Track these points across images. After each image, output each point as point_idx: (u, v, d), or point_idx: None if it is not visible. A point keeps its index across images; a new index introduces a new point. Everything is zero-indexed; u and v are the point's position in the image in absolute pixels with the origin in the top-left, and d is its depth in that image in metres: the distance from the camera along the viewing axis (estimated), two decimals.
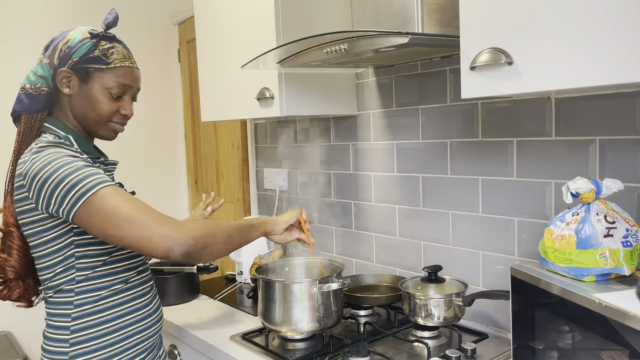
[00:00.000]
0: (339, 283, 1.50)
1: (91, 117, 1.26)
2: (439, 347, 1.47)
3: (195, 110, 2.99)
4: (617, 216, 1.08)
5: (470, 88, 1.13)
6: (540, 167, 1.44)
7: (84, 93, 1.24)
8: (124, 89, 1.27)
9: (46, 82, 1.24)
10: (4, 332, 2.63)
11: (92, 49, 1.23)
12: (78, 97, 1.25)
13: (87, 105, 1.25)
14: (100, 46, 1.23)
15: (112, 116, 1.28)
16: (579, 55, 0.95)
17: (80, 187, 1.10)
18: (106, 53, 1.24)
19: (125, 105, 1.29)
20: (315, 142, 2.16)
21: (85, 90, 1.24)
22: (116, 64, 1.25)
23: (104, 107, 1.25)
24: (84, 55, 1.22)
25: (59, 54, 1.23)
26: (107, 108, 1.26)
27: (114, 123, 1.29)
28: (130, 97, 1.31)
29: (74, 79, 1.23)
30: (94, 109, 1.25)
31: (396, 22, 1.36)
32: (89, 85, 1.24)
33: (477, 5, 1.11)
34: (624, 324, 0.87)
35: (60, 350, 1.21)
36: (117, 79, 1.25)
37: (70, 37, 1.24)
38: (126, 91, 1.28)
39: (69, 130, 1.26)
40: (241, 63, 1.64)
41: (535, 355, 1.12)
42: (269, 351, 1.51)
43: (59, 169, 1.11)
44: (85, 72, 1.23)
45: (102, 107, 1.25)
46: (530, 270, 1.13)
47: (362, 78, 1.94)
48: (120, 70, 1.25)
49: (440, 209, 1.71)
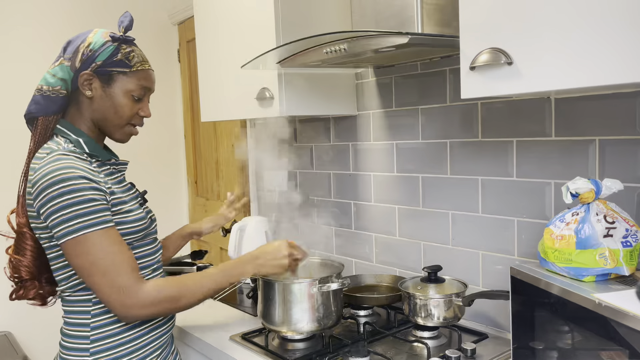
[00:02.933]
0: (339, 283, 1.50)
1: (112, 119, 1.28)
2: (439, 347, 1.47)
3: (195, 110, 2.99)
4: (616, 216, 1.08)
5: (470, 88, 1.13)
6: (540, 167, 1.44)
7: (107, 96, 1.26)
8: (144, 91, 1.30)
9: (65, 85, 1.25)
10: (4, 332, 2.63)
11: (114, 53, 1.25)
12: (100, 100, 1.26)
13: (109, 108, 1.27)
14: (122, 49, 1.26)
15: (132, 118, 1.31)
16: (578, 56, 0.95)
17: (77, 222, 1.13)
18: (128, 56, 1.26)
19: (144, 107, 1.33)
20: (315, 142, 2.16)
21: (108, 93, 1.26)
22: (138, 67, 1.28)
23: (126, 109, 1.28)
24: (107, 58, 1.24)
25: (81, 57, 1.24)
26: (129, 110, 1.29)
27: (131, 126, 1.33)
28: (148, 99, 1.34)
29: (95, 82, 1.25)
30: (116, 111, 1.28)
31: (396, 22, 1.36)
32: (112, 88, 1.26)
33: (477, 5, 1.11)
34: (623, 324, 0.87)
35: (81, 347, 1.23)
36: (139, 81, 1.28)
37: (92, 39, 1.25)
38: (146, 93, 1.32)
39: (80, 133, 1.27)
40: (241, 63, 1.64)
41: (535, 355, 1.12)
42: (268, 351, 1.51)
43: (65, 194, 1.13)
44: (109, 76, 1.25)
45: (124, 110, 1.28)
46: (530, 270, 1.13)
47: (362, 78, 1.94)
48: (142, 73, 1.29)
49: (440, 209, 1.71)
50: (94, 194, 1.16)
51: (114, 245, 1.16)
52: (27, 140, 1.27)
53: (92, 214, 1.14)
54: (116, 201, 1.22)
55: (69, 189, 1.13)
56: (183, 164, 3.26)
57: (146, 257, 1.31)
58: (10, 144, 2.70)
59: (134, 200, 1.31)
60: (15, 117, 1.47)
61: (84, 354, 1.23)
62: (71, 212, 1.13)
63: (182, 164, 3.26)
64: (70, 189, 1.13)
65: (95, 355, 1.22)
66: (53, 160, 1.16)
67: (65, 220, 1.13)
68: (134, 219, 1.26)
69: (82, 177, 1.15)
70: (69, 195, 1.13)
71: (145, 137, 3.10)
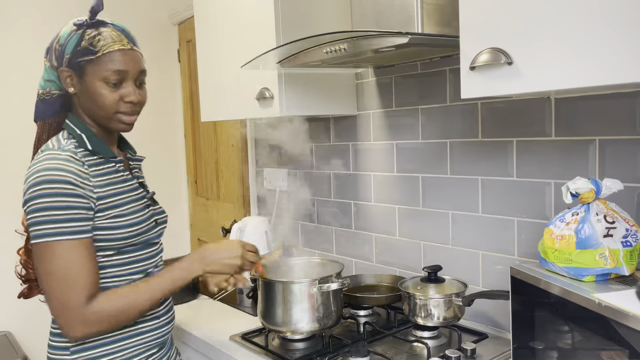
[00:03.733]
0: (339, 283, 1.50)
1: (97, 112, 1.21)
2: (439, 347, 1.47)
3: (195, 110, 2.99)
4: (616, 216, 1.08)
5: (470, 88, 1.13)
6: (540, 167, 1.44)
7: (85, 89, 1.19)
8: (120, 74, 1.19)
9: (56, 85, 1.22)
10: (4, 332, 2.63)
11: (79, 41, 1.17)
12: (82, 94, 1.21)
13: (91, 101, 1.20)
14: (86, 36, 1.17)
15: (117, 106, 1.20)
16: (578, 56, 0.95)
17: (47, 227, 1.09)
18: (92, 41, 1.17)
19: (127, 92, 1.20)
20: (315, 142, 2.16)
21: (84, 85, 1.19)
22: (104, 51, 1.17)
23: (106, 99, 1.19)
24: (73, 49, 1.17)
25: (55, 54, 1.20)
26: (109, 99, 1.19)
27: (121, 114, 1.22)
28: (132, 81, 1.22)
29: (74, 77, 1.19)
30: (97, 103, 1.19)
31: (396, 22, 1.36)
32: (86, 80, 1.18)
33: (477, 5, 1.11)
34: (623, 324, 0.87)
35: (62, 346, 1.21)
36: (109, 65, 1.17)
37: (61, 33, 1.20)
38: (124, 77, 1.20)
39: (85, 128, 1.22)
40: (241, 63, 1.64)
41: (535, 355, 1.12)
42: (268, 351, 1.51)
43: (44, 197, 1.09)
44: (80, 67, 1.18)
45: (104, 100, 1.19)
46: (530, 270, 1.13)
47: (362, 78, 1.94)
48: (109, 56, 1.17)
49: (440, 209, 1.71)
50: (74, 201, 1.11)
51: (77, 259, 1.11)
52: None
53: (65, 222, 1.10)
54: (106, 205, 1.17)
55: (49, 191, 1.09)
56: (183, 164, 3.26)
57: (140, 262, 1.26)
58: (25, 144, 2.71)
59: (137, 202, 1.25)
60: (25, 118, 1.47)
61: (65, 353, 1.20)
62: (45, 215, 1.09)
63: (182, 164, 3.26)
64: (50, 192, 1.09)
65: (76, 354, 1.19)
66: (44, 159, 1.13)
67: (37, 223, 1.10)
68: (128, 224, 1.20)
69: (67, 181, 1.11)
70: (48, 199, 1.09)
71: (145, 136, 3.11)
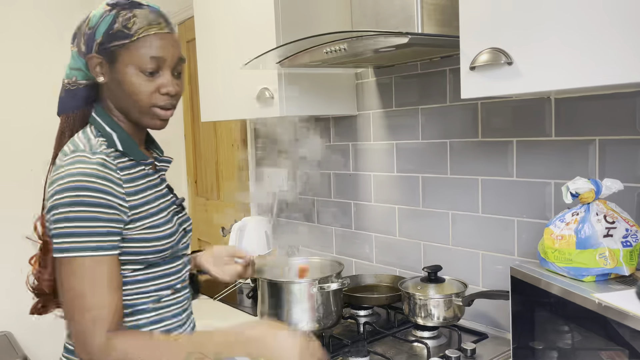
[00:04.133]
0: (339, 283, 1.50)
1: (130, 104, 1.07)
2: (439, 347, 1.47)
3: (195, 110, 2.99)
4: (616, 216, 1.08)
5: (470, 88, 1.13)
6: (540, 167, 1.44)
7: (116, 78, 1.05)
8: (157, 62, 1.05)
9: (83, 74, 1.09)
10: (4, 332, 2.63)
11: (111, 24, 1.03)
12: (112, 84, 1.07)
13: (122, 92, 1.06)
14: (119, 17, 1.03)
15: (152, 99, 1.06)
16: (578, 55, 0.95)
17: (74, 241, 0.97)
18: (127, 24, 1.03)
19: (164, 82, 1.06)
20: (315, 142, 2.16)
21: (116, 74, 1.05)
22: (140, 34, 1.03)
23: (140, 89, 1.05)
24: (105, 32, 1.03)
25: (84, 38, 1.06)
26: (144, 89, 1.05)
27: (157, 108, 1.08)
28: (170, 70, 1.08)
29: (104, 64, 1.05)
30: (129, 93, 1.05)
31: (396, 22, 1.36)
32: (118, 68, 1.04)
33: (477, 5, 1.11)
34: (623, 324, 0.87)
35: None
36: (145, 51, 1.03)
37: (91, 15, 1.06)
38: (161, 64, 1.06)
39: (114, 124, 1.09)
40: (241, 63, 1.64)
41: (535, 355, 1.12)
42: None
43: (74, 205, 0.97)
44: (111, 53, 1.04)
45: (137, 90, 1.05)
46: (530, 270, 1.13)
47: (362, 78, 1.94)
48: (147, 40, 1.03)
49: (440, 209, 1.71)
50: (106, 212, 0.99)
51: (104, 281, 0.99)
52: None
53: (94, 235, 0.98)
54: (139, 215, 1.05)
55: (79, 200, 0.97)
56: (183, 164, 3.26)
57: (168, 277, 1.13)
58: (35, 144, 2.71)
59: (167, 210, 1.13)
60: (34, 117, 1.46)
61: None
62: (73, 227, 0.97)
63: (182, 164, 3.26)
64: (80, 201, 0.97)
65: None
66: (75, 162, 1.00)
67: (63, 234, 0.97)
68: (163, 235, 1.08)
69: (99, 190, 0.98)
70: (77, 208, 0.97)
71: None
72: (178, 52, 1.09)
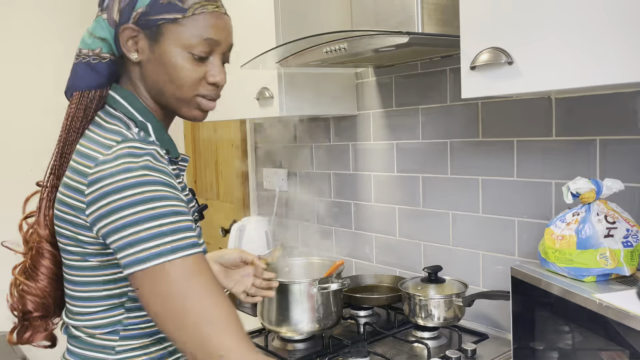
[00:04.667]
0: (339, 283, 1.50)
1: (169, 90, 0.91)
2: (439, 348, 1.47)
3: None
4: (617, 216, 1.08)
5: (471, 88, 1.13)
6: (540, 167, 1.43)
7: (157, 57, 0.89)
8: (210, 45, 0.91)
9: (108, 46, 0.91)
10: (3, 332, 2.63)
11: None
12: (150, 65, 0.90)
13: (162, 75, 0.90)
14: None
15: (197, 87, 0.92)
16: (579, 55, 0.95)
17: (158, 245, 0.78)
18: None
19: (213, 70, 0.93)
20: (315, 142, 2.16)
21: (157, 52, 0.89)
22: (196, 10, 0.89)
23: (186, 73, 0.90)
24: (152, 2, 0.87)
25: (119, 5, 0.89)
26: (191, 75, 0.90)
27: (201, 97, 0.93)
28: (220, 57, 0.95)
29: (142, 39, 0.89)
30: (172, 78, 0.90)
31: (396, 22, 1.35)
32: (161, 45, 0.89)
33: (477, 5, 1.11)
34: (624, 324, 0.87)
35: None
36: (199, 31, 0.89)
37: None
38: (214, 49, 0.92)
39: (147, 113, 0.93)
40: (241, 63, 1.64)
41: (536, 355, 1.12)
42: (268, 352, 1.51)
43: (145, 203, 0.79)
44: (156, 27, 0.88)
45: (183, 75, 0.90)
46: (531, 270, 1.13)
47: (362, 78, 1.94)
48: (203, 18, 0.89)
49: (440, 209, 1.71)
50: (177, 206, 0.81)
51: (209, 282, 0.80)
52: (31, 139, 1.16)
53: (176, 232, 0.79)
54: None
55: (144, 196, 0.79)
56: None
57: None
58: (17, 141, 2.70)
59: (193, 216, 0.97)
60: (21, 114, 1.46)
61: None
62: (147, 229, 0.78)
63: None
64: (146, 197, 0.79)
65: None
66: (125, 155, 0.82)
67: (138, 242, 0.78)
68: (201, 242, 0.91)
69: (161, 182, 0.81)
70: (146, 206, 0.78)
71: None
72: (231, 38, 0.96)
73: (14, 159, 2.68)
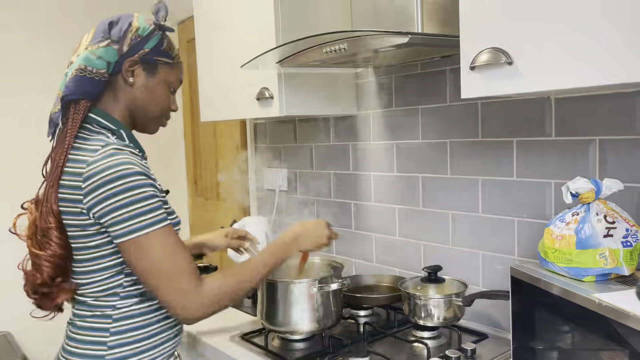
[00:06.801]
0: (339, 283, 1.50)
1: (150, 110, 1.24)
2: (439, 348, 1.47)
3: (195, 110, 2.99)
4: (617, 216, 1.08)
5: (470, 88, 1.13)
6: (540, 167, 1.44)
7: (149, 85, 1.22)
8: (179, 84, 1.29)
9: (109, 68, 1.18)
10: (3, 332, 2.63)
11: (161, 42, 1.22)
12: (140, 89, 1.22)
13: (149, 98, 1.23)
14: (165, 39, 1.23)
15: (166, 110, 1.29)
16: (578, 55, 0.95)
17: (138, 221, 1.07)
18: (171, 47, 1.24)
19: (175, 101, 1.31)
20: (315, 142, 2.16)
21: (150, 82, 1.22)
22: (178, 60, 1.26)
23: (164, 100, 1.26)
24: (155, 47, 1.20)
25: (130, 42, 1.18)
26: (166, 102, 1.26)
27: (164, 118, 1.30)
28: None
29: (139, 70, 1.20)
30: (156, 102, 1.24)
31: (396, 22, 1.36)
32: (155, 78, 1.22)
33: (477, 5, 1.11)
34: (623, 324, 0.87)
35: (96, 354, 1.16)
36: (178, 74, 1.27)
37: (137, 25, 1.20)
38: (179, 86, 1.30)
39: (118, 123, 1.21)
40: (241, 63, 1.64)
41: (535, 355, 1.12)
42: (268, 351, 1.51)
43: (127, 192, 1.07)
44: (154, 65, 1.21)
45: (162, 101, 1.25)
46: (530, 270, 1.13)
47: (361, 78, 1.94)
48: (180, 66, 1.28)
49: (440, 209, 1.71)
50: (152, 190, 1.10)
51: (174, 245, 1.12)
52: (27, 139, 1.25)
53: (152, 211, 1.09)
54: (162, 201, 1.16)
55: (130, 185, 1.07)
56: (183, 164, 3.26)
57: None
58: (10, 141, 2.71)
59: None
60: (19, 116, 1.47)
61: None
62: (133, 210, 1.07)
63: (182, 164, 3.26)
64: (131, 186, 1.07)
65: None
66: (110, 155, 1.09)
67: (127, 219, 1.07)
68: (175, 222, 1.19)
69: (140, 173, 1.09)
70: (131, 192, 1.07)
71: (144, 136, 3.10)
72: None
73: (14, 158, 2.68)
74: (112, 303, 1.17)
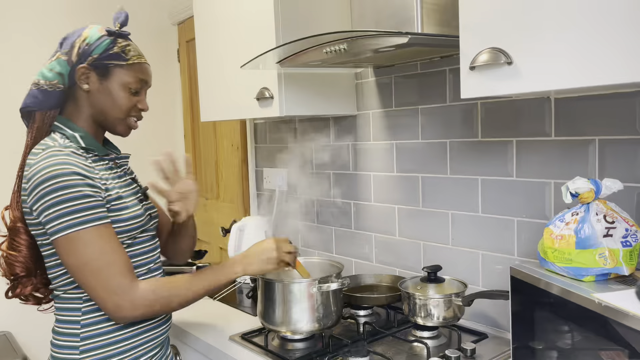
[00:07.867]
0: (339, 283, 1.50)
1: (111, 112, 1.29)
2: (439, 347, 1.47)
3: (195, 110, 2.99)
4: (616, 216, 1.08)
5: (470, 88, 1.13)
6: (539, 167, 1.44)
7: (105, 89, 1.27)
8: (141, 84, 1.31)
9: (62, 79, 1.26)
10: (3, 332, 2.63)
11: (110, 46, 1.26)
12: (97, 93, 1.27)
13: (107, 101, 1.28)
14: (118, 43, 1.27)
15: (130, 111, 1.31)
16: (578, 55, 0.95)
17: (69, 219, 1.13)
18: (124, 50, 1.28)
19: (142, 101, 1.33)
20: (315, 142, 2.16)
21: (105, 86, 1.27)
22: (134, 60, 1.29)
23: (124, 102, 1.29)
24: (103, 52, 1.25)
25: (77, 51, 1.25)
26: (127, 103, 1.29)
27: (131, 118, 1.33)
28: (145, 92, 1.35)
29: (92, 76, 1.26)
30: (114, 104, 1.28)
31: (396, 22, 1.36)
32: (109, 81, 1.27)
33: (477, 5, 1.11)
34: (623, 324, 0.87)
35: (71, 345, 1.23)
36: (136, 74, 1.29)
37: (87, 34, 1.26)
38: (142, 87, 1.32)
39: (76, 128, 1.27)
40: (241, 63, 1.64)
41: (535, 355, 1.12)
42: (268, 351, 1.51)
43: (59, 190, 1.13)
44: (106, 68, 1.26)
45: (122, 102, 1.29)
46: (530, 270, 1.13)
47: (361, 78, 1.94)
48: (138, 66, 1.30)
49: (439, 209, 1.71)
50: (88, 190, 1.16)
51: (107, 243, 1.17)
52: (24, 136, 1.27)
53: (85, 210, 1.14)
54: (112, 197, 1.22)
55: (62, 184, 1.13)
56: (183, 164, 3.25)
57: (142, 256, 1.31)
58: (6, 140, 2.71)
59: (133, 196, 1.31)
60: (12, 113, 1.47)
61: (74, 352, 1.23)
62: (64, 208, 1.13)
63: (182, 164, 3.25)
64: (63, 185, 1.13)
65: (85, 353, 1.22)
66: (48, 156, 1.16)
67: (57, 217, 1.13)
68: (130, 216, 1.25)
69: (75, 172, 1.15)
70: (63, 192, 1.13)
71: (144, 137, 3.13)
72: (151, 80, 1.35)
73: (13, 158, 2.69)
74: (79, 295, 1.23)
